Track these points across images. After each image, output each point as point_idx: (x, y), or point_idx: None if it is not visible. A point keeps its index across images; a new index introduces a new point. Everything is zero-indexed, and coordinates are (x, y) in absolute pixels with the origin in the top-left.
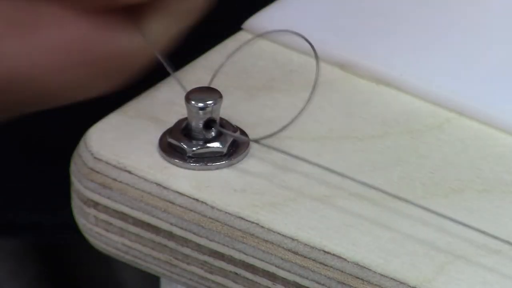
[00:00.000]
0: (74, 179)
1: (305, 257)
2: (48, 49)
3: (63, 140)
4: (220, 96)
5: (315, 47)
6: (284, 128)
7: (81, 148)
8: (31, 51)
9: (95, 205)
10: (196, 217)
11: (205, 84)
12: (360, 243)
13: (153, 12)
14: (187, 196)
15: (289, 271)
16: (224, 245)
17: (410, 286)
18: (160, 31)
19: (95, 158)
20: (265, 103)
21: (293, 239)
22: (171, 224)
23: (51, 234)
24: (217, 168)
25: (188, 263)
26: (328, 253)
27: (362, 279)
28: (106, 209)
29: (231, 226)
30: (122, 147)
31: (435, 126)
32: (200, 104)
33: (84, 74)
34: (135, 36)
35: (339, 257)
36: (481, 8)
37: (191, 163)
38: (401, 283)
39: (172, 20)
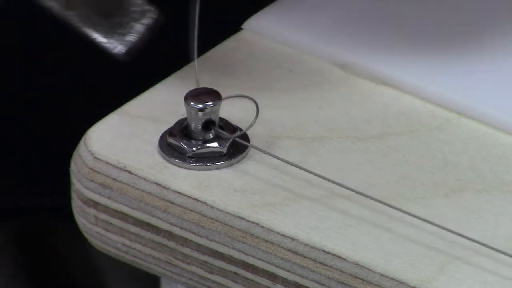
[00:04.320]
0: (74, 179)
1: (305, 257)
2: None
3: (55, 133)
4: (219, 97)
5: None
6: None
7: (81, 148)
8: None
9: (95, 205)
10: (196, 217)
11: (205, 84)
12: (360, 243)
13: None
14: (187, 196)
15: (289, 271)
16: (224, 245)
17: (410, 286)
18: None
19: (95, 158)
20: (265, 103)
21: (293, 239)
22: (171, 224)
23: (29, 219)
24: (217, 168)
25: (188, 263)
26: (328, 253)
27: (362, 279)
28: (106, 209)
29: (231, 226)
30: (122, 147)
31: (435, 126)
32: (199, 105)
33: None
34: None
35: (339, 257)
36: (480, 8)
37: (191, 163)
38: (401, 283)
39: None
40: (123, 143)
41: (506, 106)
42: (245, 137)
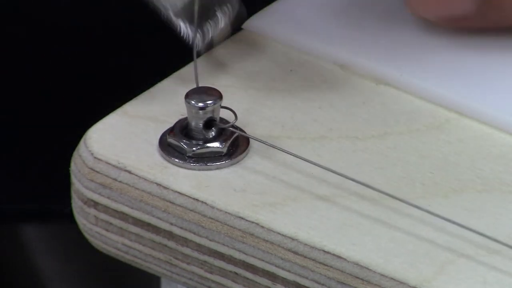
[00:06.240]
0: (74, 179)
1: (305, 257)
2: None
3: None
4: (220, 96)
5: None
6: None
7: (81, 148)
8: None
9: (95, 205)
10: (196, 217)
11: (205, 84)
12: (360, 243)
13: None
14: (187, 196)
15: (289, 271)
16: (224, 245)
17: (410, 286)
18: None
19: (95, 158)
20: (265, 103)
21: (293, 239)
22: (171, 224)
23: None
24: (217, 168)
25: (188, 263)
26: (328, 253)
27: (362, 279)
28: (106, 209)
29: (231, 226)
30: (122, 147)
31: (435, 126)
32: (200, 104)
33: None
34: None
35: (339, 257)
36: None
37: (191, 163)
38: (401, 283)
39: None
40: (123, 143)
41: (506, 106)
42: (244, 136)
